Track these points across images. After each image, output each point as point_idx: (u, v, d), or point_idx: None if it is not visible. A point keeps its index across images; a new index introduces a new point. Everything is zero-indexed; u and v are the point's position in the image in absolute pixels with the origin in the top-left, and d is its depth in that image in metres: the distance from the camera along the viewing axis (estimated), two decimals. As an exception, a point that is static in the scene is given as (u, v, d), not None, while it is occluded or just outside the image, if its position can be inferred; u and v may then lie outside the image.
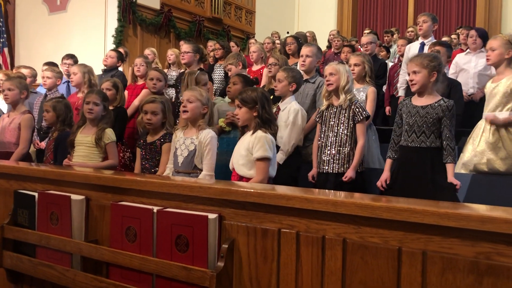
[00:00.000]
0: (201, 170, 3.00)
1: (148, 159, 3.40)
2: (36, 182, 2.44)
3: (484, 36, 4.98)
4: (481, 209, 1.47)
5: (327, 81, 3.37)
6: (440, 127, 2.92)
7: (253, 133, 2.87)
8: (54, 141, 3.81)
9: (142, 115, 3.44)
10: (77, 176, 2.28)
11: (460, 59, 5.05)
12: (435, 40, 4.89)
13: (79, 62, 5.55)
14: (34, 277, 2.28)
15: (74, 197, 2.19)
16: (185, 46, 4.93)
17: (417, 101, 3.02)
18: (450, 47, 4.09)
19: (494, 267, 1.31)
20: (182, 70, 5.15)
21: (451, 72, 4.93)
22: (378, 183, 3.13)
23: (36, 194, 2.30)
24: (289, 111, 3.56)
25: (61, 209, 2.20)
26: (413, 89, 3.03)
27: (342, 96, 3.30)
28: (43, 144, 4.39)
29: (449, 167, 2.93)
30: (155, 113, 3.37)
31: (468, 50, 5.10)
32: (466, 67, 4.93)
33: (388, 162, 3.16)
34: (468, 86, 4.81)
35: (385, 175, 3.13)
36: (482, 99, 4.86)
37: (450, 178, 2.91)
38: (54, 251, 2.21)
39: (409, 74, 3.03)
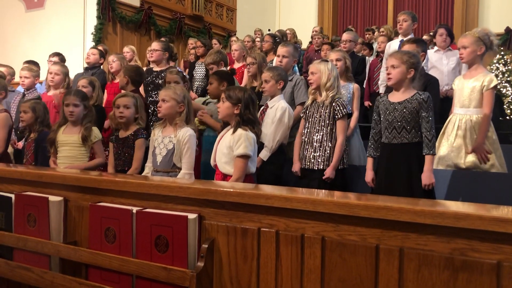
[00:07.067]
0: (180, 168, 2.99)
1: (120, 155, 3.36)
2: (13, 184, 2.40)
3: (451, 34, 5.07)
4: (455, 206, 1.50)
5: (309, 79, 3.41)
6: (419, 120, 2.94)
7: (234, 131, 2.88)
8: (34, 142, 3.75)
9: (114, 109, 3.42)
10: (55, 177, 2.25)
11: (430, 56, 5.11)
12: (410, 37, 4.94)
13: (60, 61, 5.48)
14: (11, 280, 2.24)
15: (52, 198, 2.16)
16: (154, 44, 4.94)
17: (394, 97, 3.04)
18: (424, 43, 4.12)
19: (468, 263, 1.34)
20: (149, 68, 5.10)
21: None
22: (369, 184, 3.13)
23: (12, 196, 2.26)
24: (277, 109, 3.59)
25: (38, 211, 2.16)
26: (389, 83, 3.05)
27: (324, 94, 3.34)
28: (20, 144, 4.31)
29: (426, 159, 2.91)
30: (127, 106, 3.35)
31: (436, 48, 5.17)
32: (437, 64, 5.00)
33: (370, 160, 3.15)
34: (443, 84, 4.88)
35: (370, 174, 3.12)
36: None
37: (424, 175, 2.89)
38: (31, 254, 2.17)
39: (387, 68, 3.06)
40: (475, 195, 3.22)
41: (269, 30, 9.54)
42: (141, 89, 4.69)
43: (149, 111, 4.38)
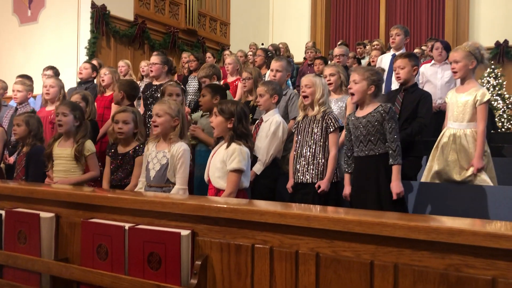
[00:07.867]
0: (174, 183, 2.97)
1: (117, 171, 3.33)
2: (3, 200, 2.37)
3: (448, 48, 5.13)
4: (449, 221, 1.49)
5: (303, 92, 3.42)
6: (384, 132, 3.00)
7: (227, 145, 2.87)
8: (25, 156, 3.71)
9: (113, 125, 3.39)
10: (46, 193, 2.22)
11: (426, 70, 5.16)
12: (402, 52, 4.98)
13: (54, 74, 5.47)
14: (1, 298, 2.21)
15: (43, 214, 2.13)
16: (153, 58, 4.89)
17: (359, 113, 3.15)
18: (416, 58, 4.18)
19: (463, 279, 1.33)
20: (149, 82, 5.09)
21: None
22: (346, 198, 3.22)
23: (3, 212, 2.23)
24: (271, 122, 3.59)
25: (29, 227, 2.14)
26: (353, 100, 3.18)
27: (316, 108, 3.37)
28: (12, 159, 4.27)
29: (393, 169, 2.98)
30: (126, 122, 3.33)
31: (433, 62, 5.22)
32: (432, 78, 5.06)
33: (346, 176, 3.25)
34: (436, 97, 4.93)
35: (347, 189, 3.21)
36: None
37: (393, 184, 2.95)
38: (22, 271, 2.14)
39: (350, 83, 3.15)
40: (465, 208, 3.23)
41: (262, 44, 9.60)
42: (138, 102, 4.69)
43: (148, 125, 4.36)
